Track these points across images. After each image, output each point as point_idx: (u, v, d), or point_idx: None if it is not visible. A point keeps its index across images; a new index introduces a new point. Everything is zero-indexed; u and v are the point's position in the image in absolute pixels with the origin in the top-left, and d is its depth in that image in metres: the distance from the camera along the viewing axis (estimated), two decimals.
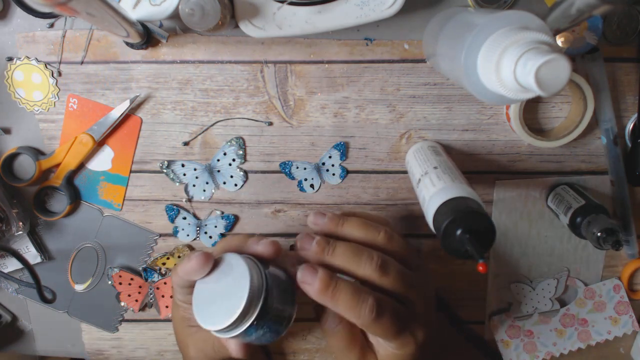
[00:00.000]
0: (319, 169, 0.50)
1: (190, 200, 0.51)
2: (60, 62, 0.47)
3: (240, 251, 0.37)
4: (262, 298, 0.34)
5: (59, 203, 0.51)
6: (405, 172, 0.50)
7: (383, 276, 0.36)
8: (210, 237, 0.52)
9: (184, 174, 0.50)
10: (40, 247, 0.52)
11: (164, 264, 0.53)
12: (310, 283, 0.34)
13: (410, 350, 0.37)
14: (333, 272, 0.36)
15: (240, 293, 0.33)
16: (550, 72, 0.26)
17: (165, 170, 0.50)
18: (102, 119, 0.48)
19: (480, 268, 0.32)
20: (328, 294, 0.34)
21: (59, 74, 0.47)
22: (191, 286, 0.38)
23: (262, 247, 0.37)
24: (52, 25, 0.46)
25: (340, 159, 0.49)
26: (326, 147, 0.49)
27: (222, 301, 0.34)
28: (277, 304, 0.35)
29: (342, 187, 0.51)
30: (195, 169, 0.50)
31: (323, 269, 0.35)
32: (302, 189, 0.51)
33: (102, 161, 0.50)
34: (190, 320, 0.40)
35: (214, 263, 0.36)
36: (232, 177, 0.50)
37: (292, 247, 0.40)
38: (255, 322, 0.34)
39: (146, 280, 0.53)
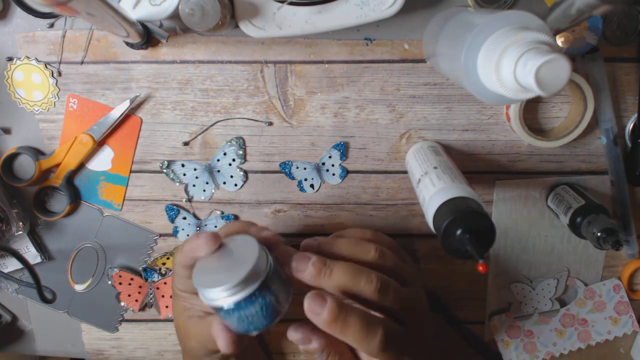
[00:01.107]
0: (319, 169, 0.50)
1: (190, 200, 0.51)
2: (60, 62, 0.47)
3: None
4: (266, 272, 0.33)
5: (59, 203, 0.51)
6: (405, 172, 0.50)
7: (382, 298, 0.35)
8: None
9: (184, 174, 0.50)
10: (40, 247, 0.52)
11: (164, 264, 0.53)
12: (319, 313, 0.33)
13: None
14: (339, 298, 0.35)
15: (245, 263, 0.33)
16: (550, 72, 0.26)
17: (165, 170, 0.50)
18: (102, 119, 0.48)
19: (480, 268, 0.32)
20: (337, 326, 0.33)
21: (59, 74, 0.47)
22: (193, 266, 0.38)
23: (264, 235, 0.37)
24: (52, 25, 0.46)
25: (340, 159, 0.49)
26: (326, 147, 0.49)
27: (224, 270, 0.33)
28: (276, 288, 0.34)
29: (342, 187, 0.51)
30: (195, 169, 0.50)
31: (332, 299, 0.34)
32: (302, 189, 0.51)
33: (102, 161, 0.50)
34: (190, 311, 0.40)
35: (220, 244, 0.36)
36: (232, 177, 0.50)
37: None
38: (252, 296, 0.33)
39: (146, 280, 0.53)
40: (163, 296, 0.54)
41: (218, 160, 0.50)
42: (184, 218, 0.51)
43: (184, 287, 0.40)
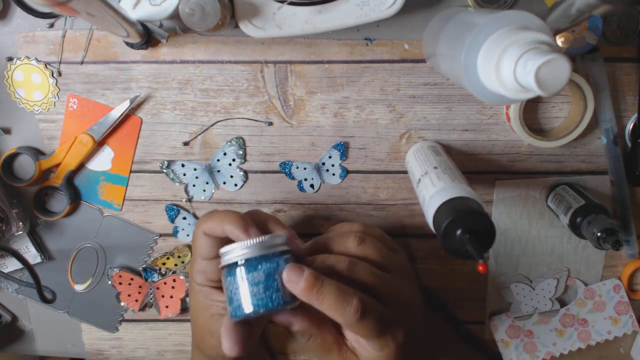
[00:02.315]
0: (319, 169, 0.50)
1: (190, 200, 0.51)
2: (60, 62, 0.47)
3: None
4: (284, 248, 0.36)
5: (59, 203, 0.51)
6: (405, 172, 0.50)
7: (352, 277, 0.36)
8: None
9: (184, 174, 0.50)
10: (40, 247, 0.52)
11: (164, 264, 0.53)
12: (297, 282, 0.35)
13: (391, 351, 0.37)
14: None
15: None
16: (550, 72, 0.26)
17: (165, 170, 0.50)
18: (102, 119, 0.48)
19: (480, 268, 0.32)
20: (313, 293, 0.35)
21: (59, 74, 0.47)
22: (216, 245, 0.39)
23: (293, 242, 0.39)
24: (52, 25, 0.46)
25: (340, 159, 0.49)
26: (326, 147, 0.49)
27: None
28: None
29: (342, 187, 0.51)
30: (195, 169, 0.50)
31: (309, 269, 0.36)
32: (302, 189, 0.51)
33: (102, 161, 0.50)
34: (212, 308, 0.41)
35: None
36: (232, 177, 0.50)
37: None
38: (265, 257, 0.35)
39: (146, 280, 0.53)
40: (163, 296, 0.54)
41: (218, 160, 0.50)
42: (184, 218, 0.51)
43: (203, 280, 0.40)
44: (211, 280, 0.40)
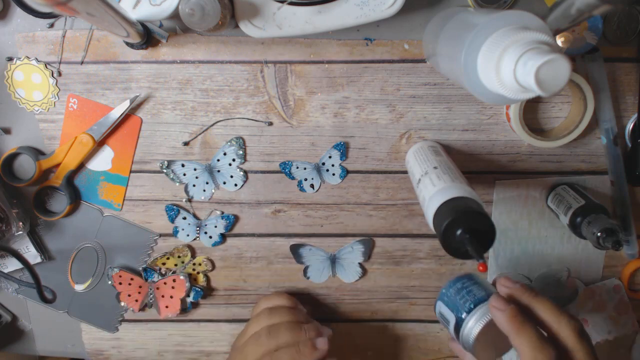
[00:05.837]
0: (319, 169, 0.50)
1: (190, 200, 0.51)
2: (60, 62, 0.47)
3: None
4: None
5: (59, 203, 0.51)
6: (405, 172, 0.50)
7: (581, 341, 0.36)
8: (210, 237, 0.52)
9: (184, 174, 0.50)
10: (40, 247, 0.52)
11: (164, 264, 0.53)
12: (503, 310, 0.35)
13: None
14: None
15: None
16: (550, 72, 0.26)
17: (165, 170, 0.50)
18: (102, 119, 0.48)
19: (480, 268, 0.32)
20: (516, 325, 0.35)
21: (59, 74, 0.47)
22: None
23: None
24: (52, 25, 0.46)
25: (340, 159, 0.49)
26: (326, 147, 0.49)
27: None
28: None
29: (342, 187, 0.51)
30: (195, 169, 0.50)
31: (512, 305, 0.36)
32: (302, 189, 0.51)
33: (102, 161, 0.50)
34: None
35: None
36: (232, 177, 0.50)
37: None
38: None
39: (146, 280, 0.53)
40: (163, 296, 0.54)
41: (218, 160, 0.50)
42: (184, 218, 0.51)
43: None
44: None
